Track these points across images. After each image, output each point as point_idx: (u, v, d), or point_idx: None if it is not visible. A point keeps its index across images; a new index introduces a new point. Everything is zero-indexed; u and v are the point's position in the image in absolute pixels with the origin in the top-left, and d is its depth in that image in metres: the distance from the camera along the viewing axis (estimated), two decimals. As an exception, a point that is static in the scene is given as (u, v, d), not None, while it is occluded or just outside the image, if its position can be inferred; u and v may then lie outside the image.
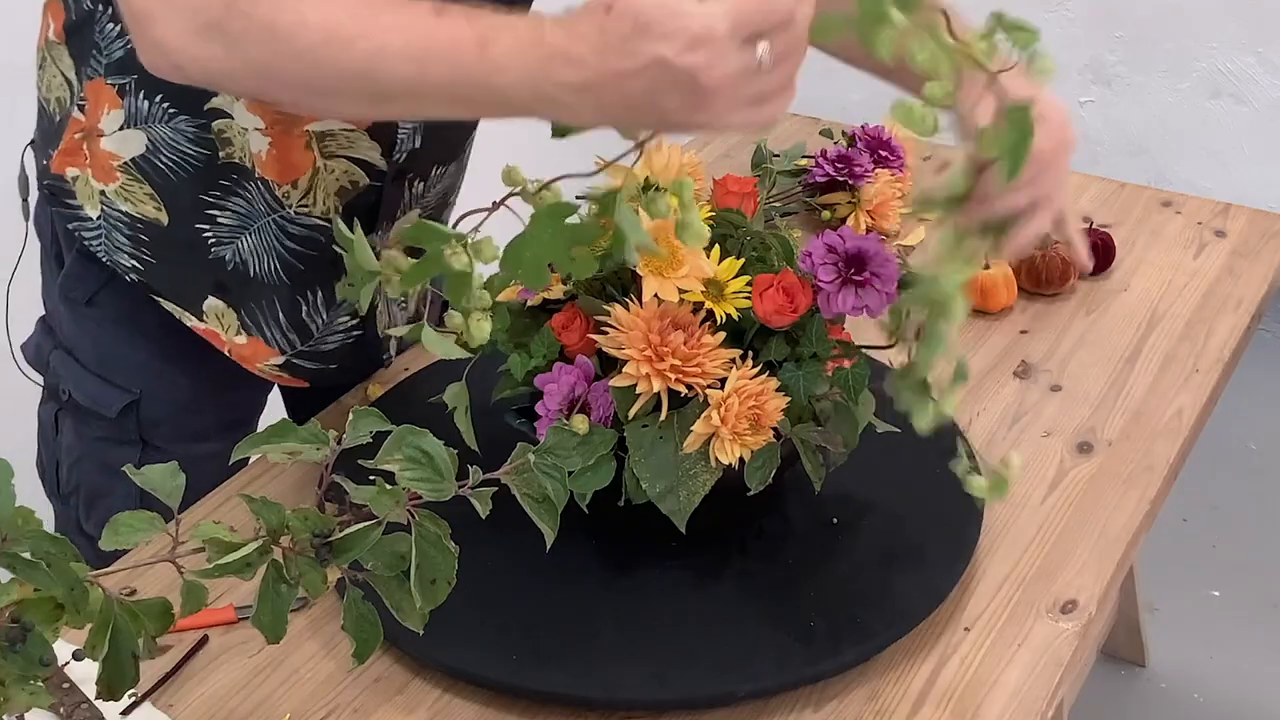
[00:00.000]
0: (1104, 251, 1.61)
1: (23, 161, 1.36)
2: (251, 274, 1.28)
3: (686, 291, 1.11)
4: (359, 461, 0.89)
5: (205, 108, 1.19)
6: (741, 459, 1.08)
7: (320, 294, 1.32)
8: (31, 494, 1.10)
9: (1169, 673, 2.24)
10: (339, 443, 0.90)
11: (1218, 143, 2.92)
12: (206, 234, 1.25)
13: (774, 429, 1.09)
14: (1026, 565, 1.19)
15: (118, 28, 1.17)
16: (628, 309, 1.11)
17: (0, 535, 0.77)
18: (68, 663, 1.03)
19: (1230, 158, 2.92)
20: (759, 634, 1.10)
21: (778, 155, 1.75)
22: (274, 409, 1.52)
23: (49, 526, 0.80)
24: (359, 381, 1.43)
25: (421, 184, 1.32)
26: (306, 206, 1.25)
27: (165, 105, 1.19)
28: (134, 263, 1.27)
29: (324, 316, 1.34)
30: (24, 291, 1.42)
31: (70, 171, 1.26)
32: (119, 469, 1.31)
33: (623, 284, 1.17)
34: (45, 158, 1.29)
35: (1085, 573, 1.19)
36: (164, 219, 1.25)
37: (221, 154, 1.21)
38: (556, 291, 1.18)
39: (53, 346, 1.36)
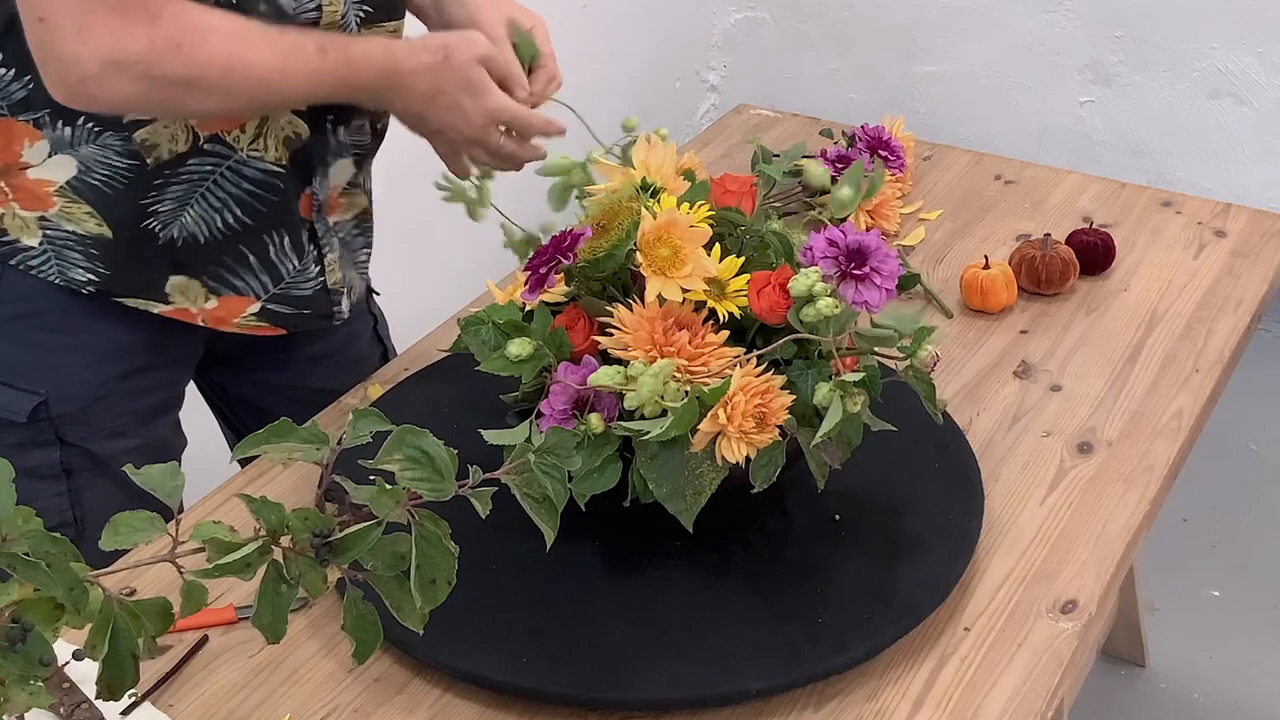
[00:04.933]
0: (1104, 251, 1.61)
1: None
2: (203, 240, 1.30)
3: (689, 291, 1.11)
4: (359, 461, 0.89)
5: (125, 120, 1.23)
6: (746, 457, 1.08)
7: (286, 238, 1.35)
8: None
9: (1169, 673, 2.24)
10: (339, 443, 0.90)
11: (1218, 143, 2.92)
12: (151, 225, 1.28)
13: (778, 427, 1.09)
14: (1026, 565, 1.20)
15: (11, 71, 1.20)
16: (630, 309, 1.11)
17: (0, 535, 0.77)
18: (68, 663, 1.03)
19: (1230, 158, 2.91)
20: (768, 632, 1.10)
21: (778, 155, 1.75)
22: (199, 394, 1.53)
23: (49, 526, 0.80)
24: (320, 330, 1.45)
25: (344, 129, 1.37)
26: (258, 151, 1.29)
27: (89, 126, 1.23)
28: (90, 276, 1.29)
29: (294, 262, 1.36)
30: None
31: None
32: (42, 473, 1.32)
33: (623, 285, 1.17)
34: None
35: (1085, 573, 1.19)
36: (107, 232, 1.27)
37: (149, 160, 1.25)
38: (557, 293, 1.18)
39: None
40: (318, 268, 1.39)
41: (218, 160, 1.28)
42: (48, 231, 1.28)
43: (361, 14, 1.32)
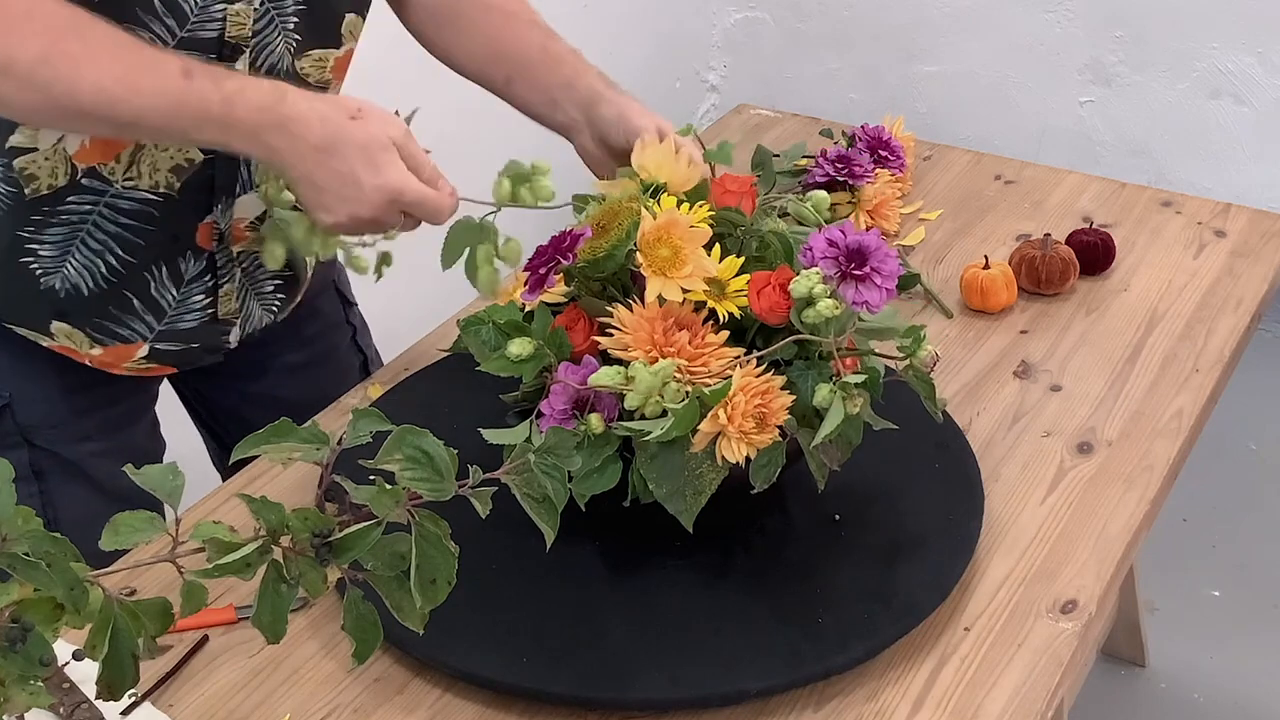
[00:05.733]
0: (1104, 251, 1.61)
1: None
2: (86, 292, 1.28)
3: (689, 291, 1.11)
4: (359, 461, 0.89)
5: (6, 146, 1.20)
6: (747, 457, 1.08)
7: (165, 269, 1.30)
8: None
9: (1169, 673, 2.24)
10: (339, 443, 0.90)
11: (1218, 143, 2.92)
12: (33, 266, 1.26)
13: (778, 427, 1.09)
14: (1026, 565, 1.19)
15: None
16: (630, 310, 1.11)
17: (0, 535, 0.77)
18: (68, 663, 1.03)
19: (1230, 158, 2.91)
20: (768, 632, 1.10)
21: (778, 155, 1.75)
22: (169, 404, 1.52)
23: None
24: (214, 361, 1.41)
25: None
26: (133, 180, 1.24)
27: None
28: None
29: (174, 293, 1.32)
30: None
31: None
32: (15, 474, 1.31)
33: (623, 285, 1.17)
34: None
35: (1085, 573, 1.19)
36: None
37: (28, 190, 1.22)
38: (557, 293, 1.18)
39: None
40: (207, 298, 1.34)
41: (95, 196, 1.24)
42: None
43: (294, 41, 1.25)
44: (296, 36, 1.25)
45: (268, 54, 1.24)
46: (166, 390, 1.50)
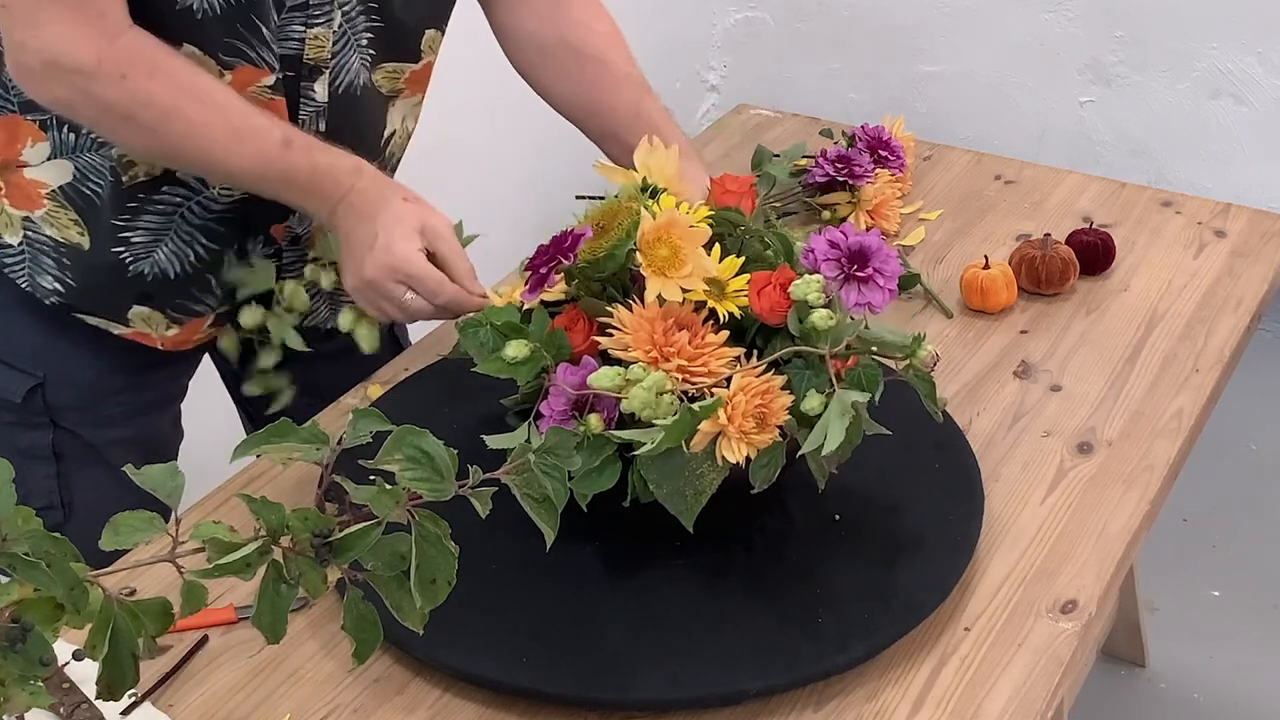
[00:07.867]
0: (1104, 251, 1.61)
1: None
2: (173, 276, 1.31)
3: (689, 291, 1.11)
4: (359, 461, 0.89)
5: None
6: (747, 457, 1.08)
7: (236, 252, 1.34)
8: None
9: (1169, 673, 2.23)
10: (339, 443, 0.90)
11: (1218, 143, 2.92)
12: (123, 254, 1.29)
13: (778, 427, 1.09)
14: (1026, 565, 1.19)
15: None
16: (630, 310, 1.11)
17: (0, 535, 0.77)
18: (68, 663, 1.03)
19: (1230, 158, 2.91)
20: (768, 632, 1.10)
21: (777, 155, 1.75)
22: (199, 393, 1.52)
23: (49, 526, 0.80)
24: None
25: None
26: (229, 193, 1.29)
27: (94, 134, 1.22)
28: (56, 285, 1.30)
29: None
30: None
31: None
32: (34, 454, 1.33)
33: (623, 285, 1.17)
34: None
35: (1085, 573, 1.19)
36: (85, 243, 1.28)
37: (125, 177, 1.25)
38: (557, 293, 1.18)
39: None
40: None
41: (189, 192, 1.28)
42: (28, 233, 1.28)
43: (369, 56, 1.30)
44: (371, 52, 1.30)
45: (345, 73, 1.28)
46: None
